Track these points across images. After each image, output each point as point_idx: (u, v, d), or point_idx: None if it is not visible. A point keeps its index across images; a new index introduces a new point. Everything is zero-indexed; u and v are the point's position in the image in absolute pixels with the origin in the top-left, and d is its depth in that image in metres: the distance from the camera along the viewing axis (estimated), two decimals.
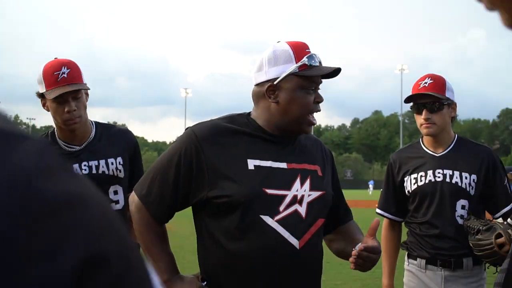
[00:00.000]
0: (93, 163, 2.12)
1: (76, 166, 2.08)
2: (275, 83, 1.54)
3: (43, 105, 2.12)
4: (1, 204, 0.30)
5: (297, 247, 1.50)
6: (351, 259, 1.51)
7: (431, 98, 2.20)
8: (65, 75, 1.99)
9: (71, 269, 0.31)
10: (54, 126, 2.16)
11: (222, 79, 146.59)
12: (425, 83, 2.23)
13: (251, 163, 1.54)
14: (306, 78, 1.55)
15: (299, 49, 1.56)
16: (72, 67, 2.03)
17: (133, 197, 1.63)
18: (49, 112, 2.11)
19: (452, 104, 2.25)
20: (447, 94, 2.22)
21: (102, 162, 2.14)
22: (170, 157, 1.58)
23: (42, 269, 0.30)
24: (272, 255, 1.48)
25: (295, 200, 1.53)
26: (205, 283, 1.57)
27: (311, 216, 1.55)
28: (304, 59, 1.54)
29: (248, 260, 1.50)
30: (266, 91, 1.55)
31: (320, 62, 1.60)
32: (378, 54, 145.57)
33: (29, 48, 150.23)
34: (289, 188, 1.54)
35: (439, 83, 2.23)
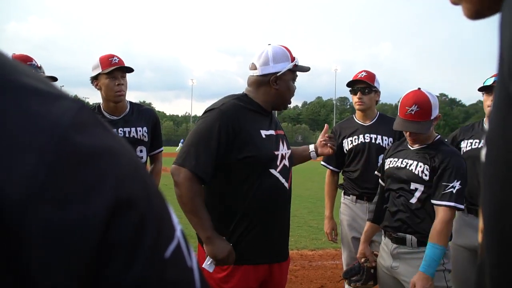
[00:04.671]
0: (127, 129, 2.69)
1: (114, 130, 2.78)
2: (278, 75, 1.95)
3: (96, 85, 2.66)
4: (40, 155, 0.32)
5: (287, 187, 2.01)
6: (325, 149, 2.25)
7: (365, 84, 2.86)
8: (116, 61, 2.64)
9: (102, 210, 0.33)
10: (102, 101, 2.71)
11: (216, 73, 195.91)
12: (362, 74, 2.89)
13: (263, 133, 1.95)
14: (295, 73, 2.01)
15: (290, 52, 2.01)
16: (119, 57, 2.69)
17: (179, 169, 1.81)
18: (99, 92, 2.68)
19: (377, 92, 2.94)
20: (375, 84, 2.89)
21: (133, 129, 2.71)
22: (209, 132, 1.84)
23: (75, 212, 0.32)
24: (276, 192, 1.96)
25: (282, 156, 2.00)
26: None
27: (290, 166, 2.06)
28: (296, 60, 2.00)
29: (264, 196, 1.92)
30: (271, 80, 1.95)
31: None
32: (320, 58, 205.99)
33: (82, 47, 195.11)
34: (278, 149, 1.99)
35: (370, 75, 2.90)
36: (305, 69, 2.04)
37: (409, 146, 2.29)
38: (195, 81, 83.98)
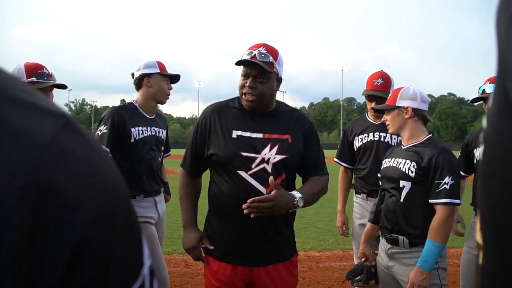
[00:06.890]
0: (156, 129, 2.97)
1: (149, 127, 2.88)
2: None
3: (147, 82, 2.89)
4: (12, 178, 0.30)
5: (264, 193, 1.87)
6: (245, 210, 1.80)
7: (381, 93, 2.89)
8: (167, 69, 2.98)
9: (65, 253, 0.32)
10: (140, 99, 2.91)
11: (222, 75, 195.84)
12: (378, 82, 2.93)
13: (235, 133, 1.95)
14: (242, 67, 1.97)
15: (248, 49, 1.96)
16: None
17: (180, 168, 2.13)
18: (144, 89, 2.89)
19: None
20: (391, 89, 2.79)
21: (159, 130, 3.01)
22: (193, 133, 2.07)
23: (40, 245, 0.31)
24: (245, 196, 1.83)
25: (263, 160, 1.91)
26: (203, 246, 2.00)
27: (275, 172, 1.91)
28: (243, 55, 1.95)
29: (231, 197, 1.91)
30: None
31: (253, 56, 1.90)
32: (327, 59, 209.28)
33: (87, 50, 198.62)
34: (259, 152, 1.91)
35: (387, 83, 2.95)
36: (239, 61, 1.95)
37: (401, 145, 2.36)
38: (201, 83, 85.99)
